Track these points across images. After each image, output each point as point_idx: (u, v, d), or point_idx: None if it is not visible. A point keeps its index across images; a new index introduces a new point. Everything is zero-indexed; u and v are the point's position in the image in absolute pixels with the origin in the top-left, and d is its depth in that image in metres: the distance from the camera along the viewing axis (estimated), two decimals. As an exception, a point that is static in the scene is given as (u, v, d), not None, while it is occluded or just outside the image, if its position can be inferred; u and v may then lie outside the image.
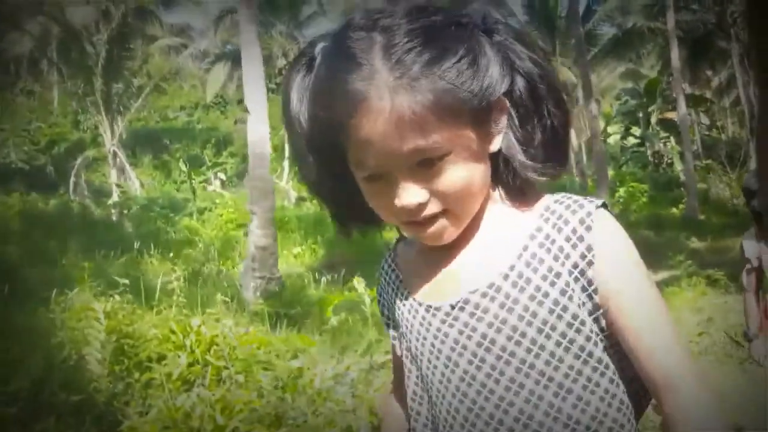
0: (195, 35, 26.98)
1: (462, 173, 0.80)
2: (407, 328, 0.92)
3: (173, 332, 4.22)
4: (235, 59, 28.32)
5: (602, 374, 0.81)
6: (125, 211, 17.29)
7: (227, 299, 5.82)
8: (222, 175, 27.72)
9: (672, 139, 24.87)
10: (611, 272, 0.81)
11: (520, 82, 0.83)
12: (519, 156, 0.84)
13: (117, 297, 4.23)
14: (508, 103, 0.83)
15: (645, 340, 0.80)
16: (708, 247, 12.46)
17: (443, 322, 0.86)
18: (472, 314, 0.83)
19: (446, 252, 0.89)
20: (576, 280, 0.81)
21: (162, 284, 5.46)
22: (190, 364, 3.89)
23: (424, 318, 0.88)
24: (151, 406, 3.46)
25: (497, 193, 0.89)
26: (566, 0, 21.42)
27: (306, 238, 12.89)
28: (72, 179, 20.85)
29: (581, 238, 0.81)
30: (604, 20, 25.42)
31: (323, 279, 7.72)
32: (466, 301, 0.84)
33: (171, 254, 10.19)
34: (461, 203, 0.83)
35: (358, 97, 0.76)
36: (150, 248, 10.43)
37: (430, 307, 0.88)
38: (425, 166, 0.79)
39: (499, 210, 0.89)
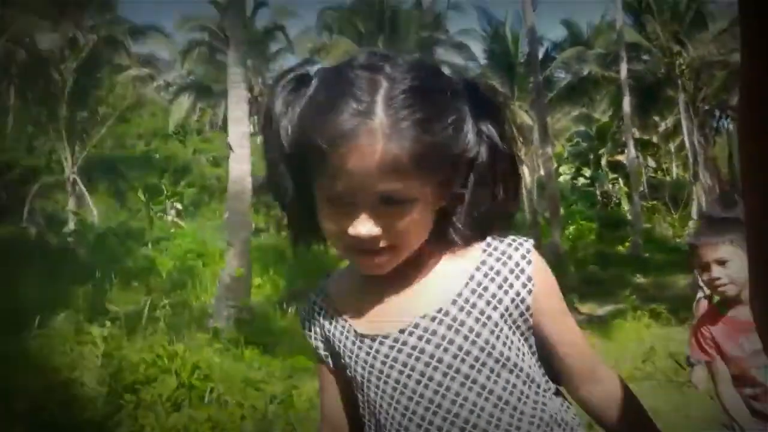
0: (161, 65, 27.12)
1: (416, 220, 0.86)
2: (351, 358, 0.95)
3: (159, 357, 4.46)
4: (198, 91, 28.59)
5: (529, 387, 0.91)
6: (80, 240, 17.15)
7: (202, 326, 6.05)
8: (178, 205, 27.58)
9: (620, 180, 25.93)
10: (546, 298, 0.94)
11: (484, 151, 0.89)
12: (459, 217, 0.91)
13: (108, 323, 4.45)
14: (469, 167, 0.89)
15: (571, 343, 0.96)
16: (651, 283, 13.06)
17: (392, 348, 0.91)
18: (420, 337, 0.89)
19: (389, 282, 0.94)
20: (516, 306, 0.91)
21: (139, 311, 5.68)
22: (177, 387, 4.14)
23: (371, 347, 0.93)
24: (143, 426, 3.70)
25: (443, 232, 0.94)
26: (526, 46, 22.31)
27: (266, 269, 13.04)
28: (27, 206, 20.55)
29: (523, 271, 0.92)
30: (561, 67, 26.44)
31: (290, 309, 7.99)
32: (416, 326, 0.90)
33: (135, 283, 10.31)
34: (407, 244, 0.89)
35: (352, 129, 0.80)
36: (111, 277, 10.51)
37: (377, 336, 0.92)
38: (388, 205, 0.84)
39: (442, 245, 0.95)
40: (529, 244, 0.95)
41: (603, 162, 27.53)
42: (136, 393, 4.04)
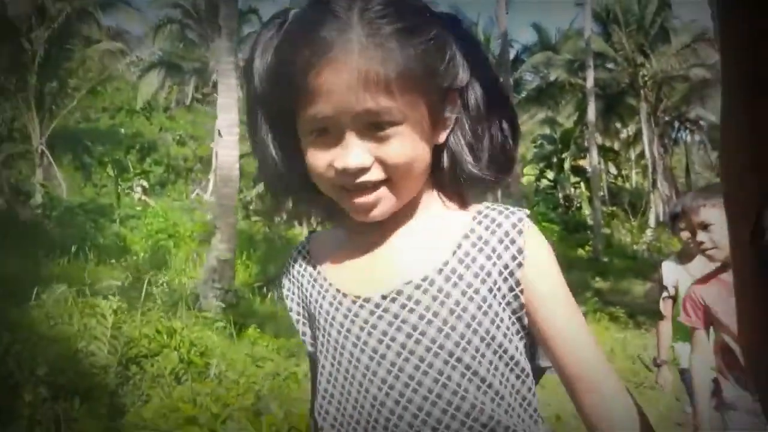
0: (131, 40, 26.91)
1: (409, 148, 0.81)
2: (326, 321, 0.89)
3: (159, 333, 4.72)
4: (168, 68, 28.43)
5: (512, 370, 0.85)
6: (48, 213, 17.03)
7: (190, 307, 6.30)
8: (144, 183, 27.43)
9: (582, 185, 26.66)
10: (538, 275, 0.84)
11: (476, 87, 0.86)
12: (466, 157, 0.87)
13: (111, 297, 4.68)
14: (459, 100, 0.85)
15: (567, 341, 0.84)
16: (610, 288, 13.64)
17: (372, 313, 0.85)
18: (403, 305, 0.83)
19: (374, 244, 0.89)
20: (505, 280, 0.83)
21: (127, 288, 5.90)
22: (179, 362, 4.41)
23: (349, 309, 0.87)
24: (151, 396, 3.97)
25: (435, 193, 0.91)
26: (497, 48, 22.81)
27: (239, 253, 13.21)
28: (-8, 175, 20.25)
29: (513, 241, 0.84)
30: (530, 70, 27.15)
31: (269, 294, 8.28)
32: (399, 292, 0.84)
33: (112, 260, 10.41)
34: (403, 177, 0.83)
35: (327, 43, 0.77)
36: (86, 253, 10.57)
37: (358, 297, 0.86)
38: (375, 131, 0.79)
39: (432, 209, 0.91)
40: (522, 213, 0.86)
41: (566, 166, 28.20)
42: (141, 366, 4.30)
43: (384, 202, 0.84)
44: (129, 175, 24.78)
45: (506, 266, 0.83)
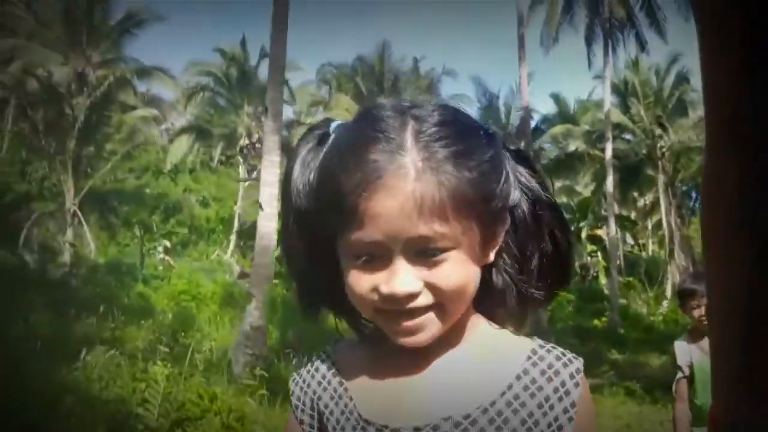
0: (163, 104, 28.12)
1: (461, 272, 0.77)
2: None
3: (201, 397, 5.03)
4: (199, 132, 29.55)
5: None
6: (74, 271, 17.47)
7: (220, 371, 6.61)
8: (167, 242, 27.94)
9: (599, 254, 26.80)
10: (583, 428, 0.81)
11: (524, 203, 0.84)
12: (515, 275, 0.84)
13: (166, 363, 5.01)
14: (509, 218, 0.83)
15: None
16: (626, 360, 13.55)
17: None
18: None
19: (411, 368, 0.83)
20: None
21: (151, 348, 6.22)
22: (221, 426, 4.70)
23: None
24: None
25: (480, 317, 0.86)
26: (517, 119, 23.54)
27: (259, 317, 13.44)
28: (24, 233, 20.90)
29: (568, 392, 0.80)
30: (549, 141, 27.80)
31: (294, 360, 8.52)
32: (436, 428, 0.78)
33: (141, 321, 10.75)
34: (454, 301, 0.79)
35: (379, 167, 0.73)
36: (113, 313, 10.86)
37: (386, 427, 0.80)
38: (425, 256, 0.75)
39: (478, 335, 0.86)
40: (579, 362, 0.83)
41: (583, 235, 28.40)
42: (185, 429, 4.60)
43: (431, 326, 0.79)
44: (154, 235, 25.40)
45: (557, 418, 0.79)
